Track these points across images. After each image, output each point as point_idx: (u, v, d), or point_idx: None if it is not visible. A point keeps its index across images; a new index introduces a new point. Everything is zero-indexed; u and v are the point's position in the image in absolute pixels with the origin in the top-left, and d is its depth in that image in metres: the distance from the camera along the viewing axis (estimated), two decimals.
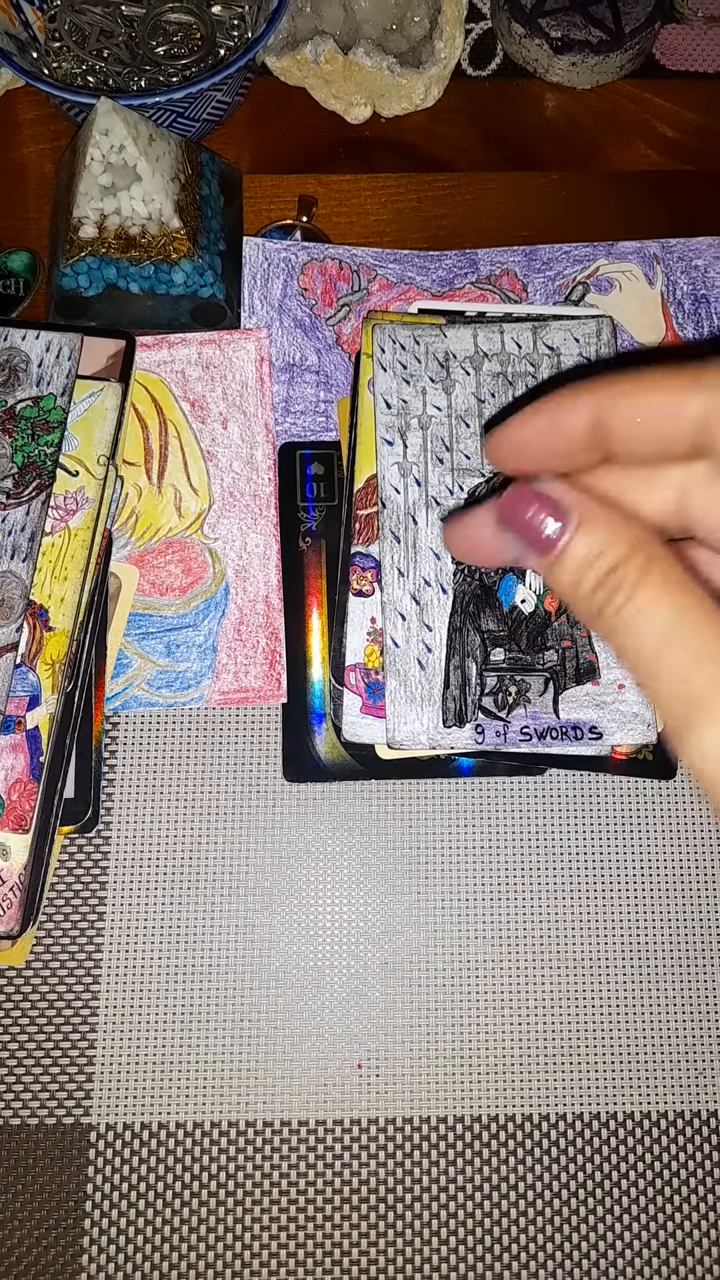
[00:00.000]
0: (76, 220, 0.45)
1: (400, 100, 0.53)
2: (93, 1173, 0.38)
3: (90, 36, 0.51)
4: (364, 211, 0.54)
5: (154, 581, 0.46)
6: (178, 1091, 0.39)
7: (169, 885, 0.42)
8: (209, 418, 0.48)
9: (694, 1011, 0.41)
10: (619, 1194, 0.39)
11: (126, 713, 0.44)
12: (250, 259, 0.50)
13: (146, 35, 0.51)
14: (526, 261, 0.51)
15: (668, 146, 0.56)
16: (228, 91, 0.50)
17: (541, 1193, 0.39)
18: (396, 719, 0.42)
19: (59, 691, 0.42)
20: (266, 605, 0.45)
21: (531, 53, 0.55)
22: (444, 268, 0.51)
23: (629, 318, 0.50)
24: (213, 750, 0.44)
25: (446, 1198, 0.39)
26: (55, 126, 0.55)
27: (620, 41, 0.53)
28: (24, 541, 0.43)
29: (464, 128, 0.56)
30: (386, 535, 0.44)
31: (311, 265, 0.51)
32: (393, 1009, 0.41)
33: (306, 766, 0.43)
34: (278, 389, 0.49)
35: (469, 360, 0.46)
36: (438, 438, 0.45)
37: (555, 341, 0.46)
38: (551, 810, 0.43)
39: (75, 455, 0.45)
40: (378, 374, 0.46)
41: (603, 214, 0.54)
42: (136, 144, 0.44)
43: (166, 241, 0.46)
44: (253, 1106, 0.39)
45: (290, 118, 0.56)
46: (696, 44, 0.58)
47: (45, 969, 0.41)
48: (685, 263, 0.51)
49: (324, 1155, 0.39)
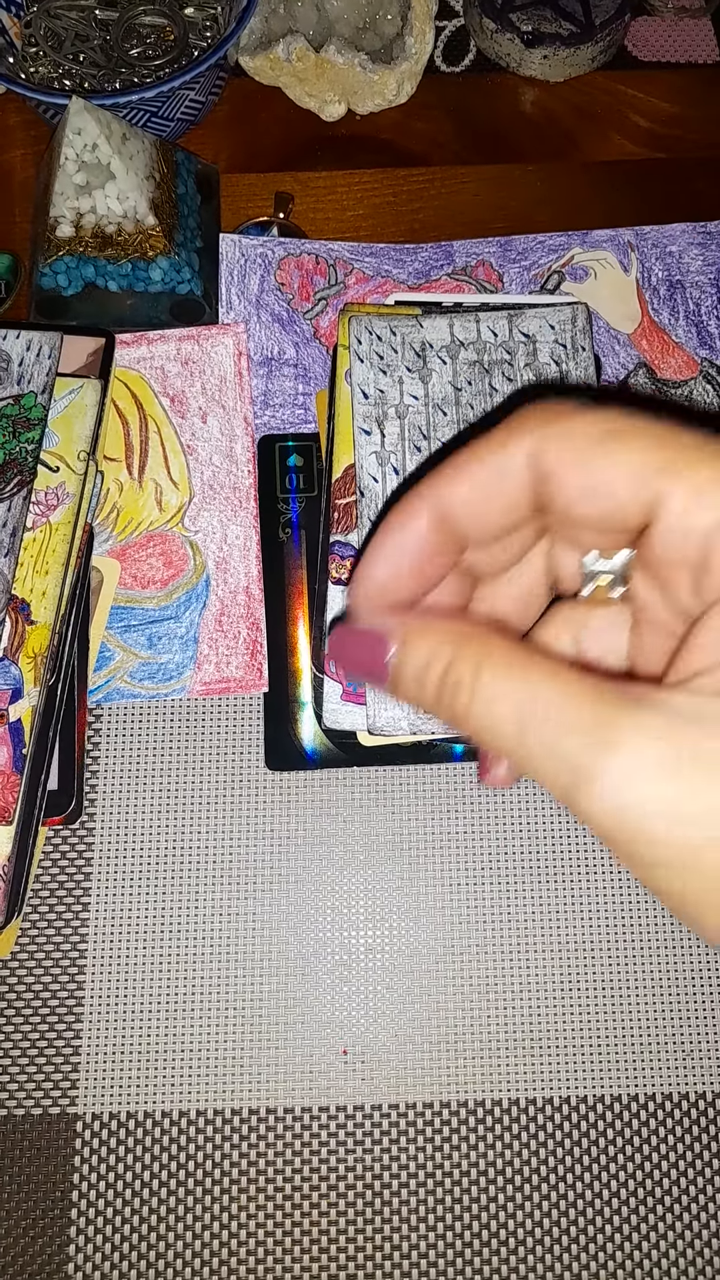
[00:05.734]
0: (53, 220, 0.46)
1: (374, 97, 0.54)
2: (79, 1162, 0.38)
3: (66, 40, 0.52)
4: (341, 207, 0.54)
5: (135, 575, 0.46)
6: (164, 1080, 0.40)
7: (153, 875, 0.42)
8: (189, 412, 0.48)
9: (681, 994, 0.41)
10: (607, 1178, 0.39)
11: (109, 705, 0.44)
12: (227, 255, 0.51)
13: (121, 38, 0.52)
14: (502, 252, 0.52)
15: (642, 136, 0.56)
16: (200, 90, 0.50)
17: (529, 1177, 0.39)
18: (377, 705, 0.42)
19: (41, 684, 0.42)
20: (247, 596, 0.46)
21: (504, 47, 0.55)
22: (420, 260, 0.51)
23: (605, 305, 0.51)
24: (195, 740, 0.44)
25: (434, 1183, 0.39)
26: (36, 131, 0.56)
27: (591, 34, 0.54)
28: (5, 537, 0.44)
29: (439, 123, 0.57)
30: (365, 524, 0.44)
31: (288, 260, 0.51)
32: (378, 995, 0.41)
33: (289, 755, 0.44)
34: (256, 383, 0.49)
35: (445, 349, 0.46)
36: (415, 426, 0.45)
37: (531, 329, 0.47)
38: (537, 795, 0.43)
39: (56, 451, 0.46)
40: (355, 365, 0.46)
41: (578, 204, 0.54)
42: (110, 142, 0.44)
43: (143, 239, 0.47)
44: (239, 1094, 0.39)
45: (266, 117, 0.56)
46: (668, 35, 0.58)
47: (30, 959, 0.41)
48: (660, 249, 0.51)
49: (310, 1142, 0.39)
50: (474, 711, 0.20)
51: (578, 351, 0.46)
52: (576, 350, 0.46)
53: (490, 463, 0.22)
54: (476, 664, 0.20)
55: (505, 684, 0.20)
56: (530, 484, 0.21)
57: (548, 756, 0.19)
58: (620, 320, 0.50)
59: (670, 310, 0.50)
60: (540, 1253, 0.38)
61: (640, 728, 0.18)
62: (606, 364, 0.50)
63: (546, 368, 0.46)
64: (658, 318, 0.50)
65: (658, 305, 0.50)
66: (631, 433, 0.20)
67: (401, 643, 0.22)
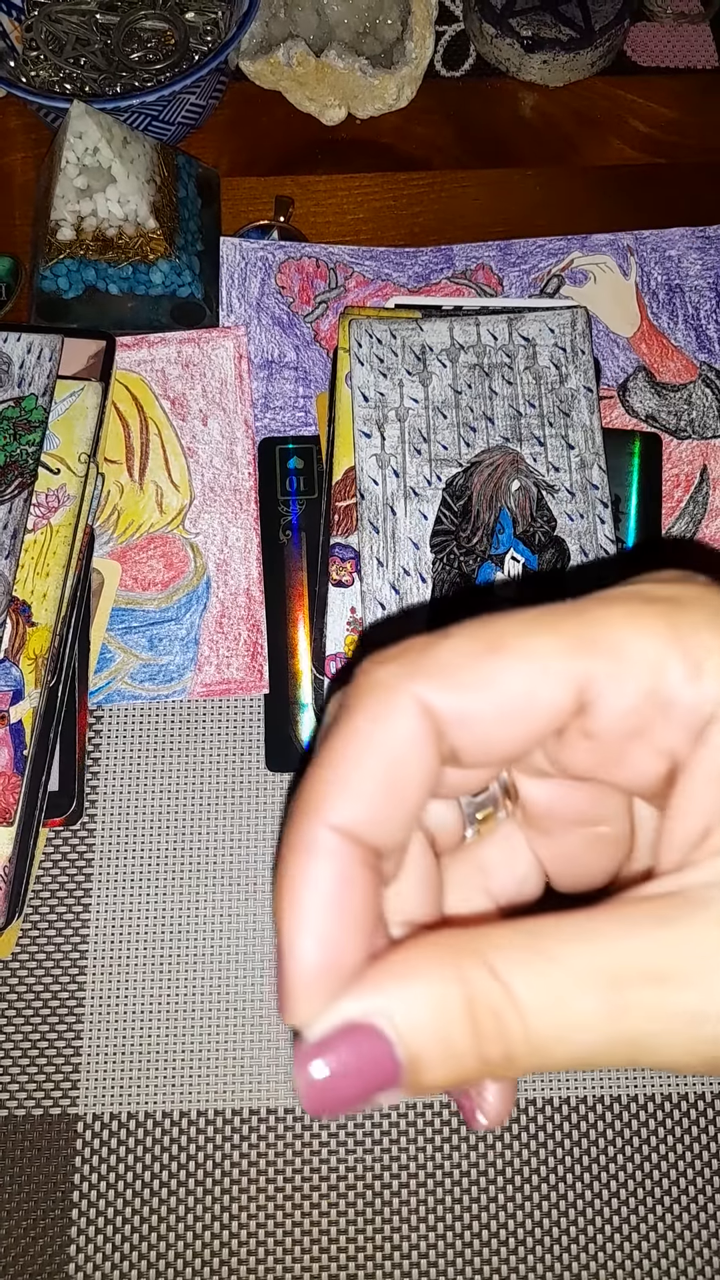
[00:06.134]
0: (54, 223, 0.46)
1: (374, 101, 0.54)
2: (79, 1163, 0.38)
3: (67, 44, 0.52)
4: (341, 211, 0.54)
5: (136, 577, 0.46)
6: (164, 1080, 0.40)
7: (154, 876, 0.42)
8: (189, 415, 0.48)
9: None
10: (607, 1178, 0.39)
11: (110, 706, 0.45)
12: (228, 258, 0.51)
13: (121, 42, 0.52)
14: (502, 256, 0.52)
15: (641, 141, 0.56)
16: (201, 94, 0.50)
17: (529, 1177, 0.39)
18: None
19: (42, 686, 0.42)
20: (248, 598, 0.46)
21: (503, 52, 0.56)
22: (420, 264, 0.52)
23: (604, 309, 0.51)
24: (196, 742, 0.44)
25: (434, 1183, 0.39)
26: (37, 135, 0.56)
27: (590, 39, 0.54)
28: (6, 539, 0.44)
29: (439, 127, 0.57)
30: (365, 526, 0.44)
31: (289, 264, 0.51)
32: None
33: (289, 755, 0.44)
34: (257, 386, 0.49)
35: (445, 353, 0.47)
36: (415, 429, 0.46)
37: (530, 333, 0.47)
38: None
39: (57, 454, 0.46)
40: (355, 368, 0.46)
41: (578, 208, 0.54)
42: (110, 146, 0.45)
43: (143, 242, 0.47)
44: (239, 1094, 0.40)
45: (267, 121, 0.57)
46: (667, 40, 0.58)
47: (31, 960, 0.41)
48: (659, 253, 0.52)
49: (310, 1142, 0.39)
50: (537, 1027, 0.15)
51: (577, 355, 0.46)
52: (576, 354, 0.46)
53: (372, 739, 0.17)
54: (491, 969, 0.15)
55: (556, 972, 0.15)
56: (433, 751, 0.17)
57: (665, 1015, 0.15)
58: (619, 324, 0.51)
59: (669, 314, 0.51)
60: (540, 1253, 0.38)
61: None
62: (606, 368, 0.50)
63: (546, 371, 0.46)
64: (657, 322, 0.51)
65: (657, 309, 0.51)
66: (509, 629, 0.17)
67: (393, 1015, 0.16)
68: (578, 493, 0.45)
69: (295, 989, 0.16)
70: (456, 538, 0.44)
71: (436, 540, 0.44)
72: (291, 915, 0.16)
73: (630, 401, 0.49)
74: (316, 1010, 0.16)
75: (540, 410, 0.46)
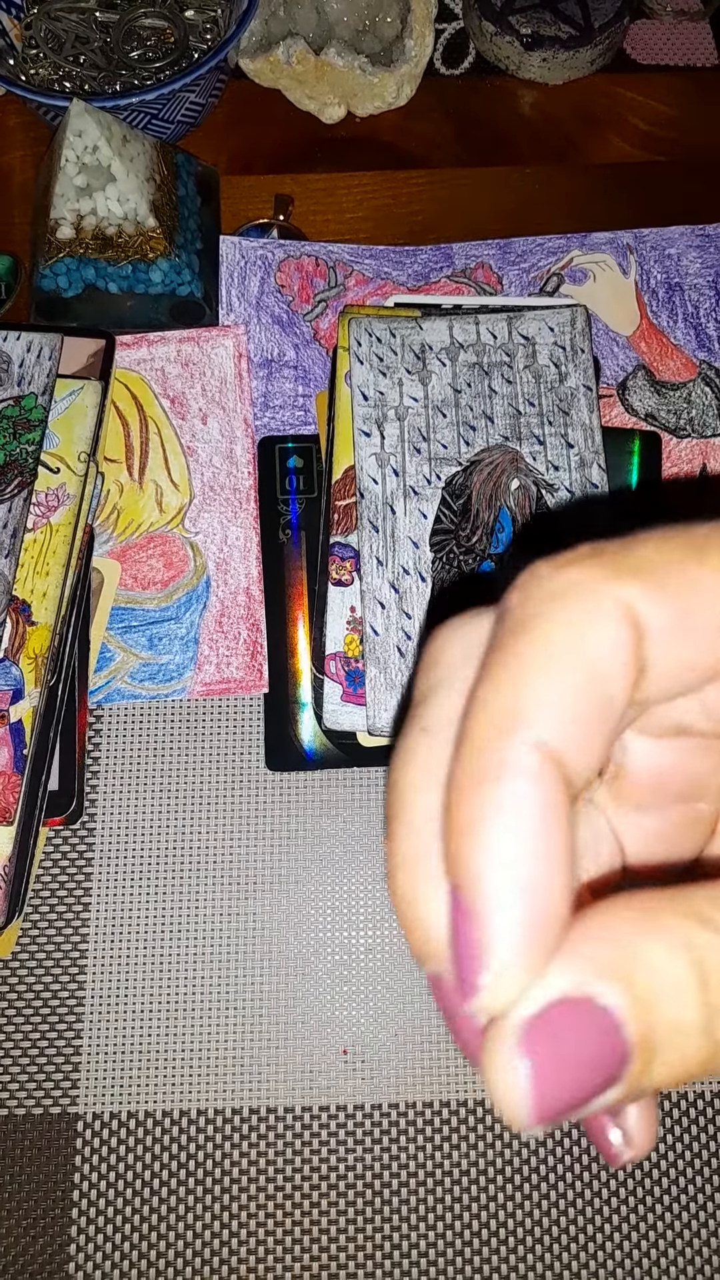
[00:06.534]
0: (54, 221, 0.46)
1: (373, 99, 0.54)
2: (80, 1162, 0.38)
3: (66, 43, 0.52)
4: (341, 209, 0.54)
5: (136, 576, 0.46)
6: (164, 1080, 0.40)
7: (154, 875, 0.42)
8: (189, 414, 0.48)
9: None
10: (606, 1177, 0.39)
11: (110, 705, 0.45)
12: (227, 257, 0.51)
13: (121, 40, 0.52)
14: (501, 254, 0.52)
15: (641, 139, 0.56)
16: (200, 93, 0.50)
17: (529, 1176, 0.39)
18: (377, 706, 0.42)
19: (42, 685, 0.42)
20: (247, 597, 0.46)
21: (503, 50, 0.55)
22: (419, 262, 0.52)
23: (604, 307, 0.51)
24: (196, 741, 0.44)
25: (433, 1183, 0.39)
26: (36, 133, 0.56)
27: (590, 37, 0.54)
28: (6, 538, 0.44)
29: (439, 125, 0.57)
30: (365, 525, 0.44)
31: (288, 262, 0.51)
32: (378, 995, 0.41)
33: (289, 755, 0.44)
34: (256, 384, 0.49)
35: (445, 351, 0.47)
36: (414, 428, 0.45)
37: (530, 331, 0.47)
38: None
39: (56, 453, 0.46)
40: (354, 367, 0.46)
41: (577, 207, 0.54)
42: (110, 145, 0.45)
43: (143, 241, 0.47)
44: (239, 1094, 0.40)
45: (267, 119, 0.57)
46: (667, 38, 0.58)
47: (31, 959, 0.41)
48: (658, 252, 0.52)
49: (310, 1142, 0.39)
50: None
51: (577, 353, 0.46)
52: (575, 352, 0.46)
53: (572, 649, 0.14)
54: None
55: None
56: (635, 669, 0.14)
57: None
58: (619, 322, 0.50)
59: (669, 312, 0.51)
60: (539, 1252, 0.38)
61: None
62: (605, 366, 0.50)
63: (545, 369, 0.46)
64: (656, 320, 0.50)
65: (656, 307, 0.51)
66: (715, 533, 0.14)
67: (614, 987, 0.13)
68: (577, 491, 0.44)
69: (501, 955, 0.13)
70: (456, 537, 0.44)
71: (436, 539, 0.44)
72: (484, 856, 0.13)
73: (630, 400, 0.49)
74: (525, 983, 0.13)
75: (540, 409, 0.46)
